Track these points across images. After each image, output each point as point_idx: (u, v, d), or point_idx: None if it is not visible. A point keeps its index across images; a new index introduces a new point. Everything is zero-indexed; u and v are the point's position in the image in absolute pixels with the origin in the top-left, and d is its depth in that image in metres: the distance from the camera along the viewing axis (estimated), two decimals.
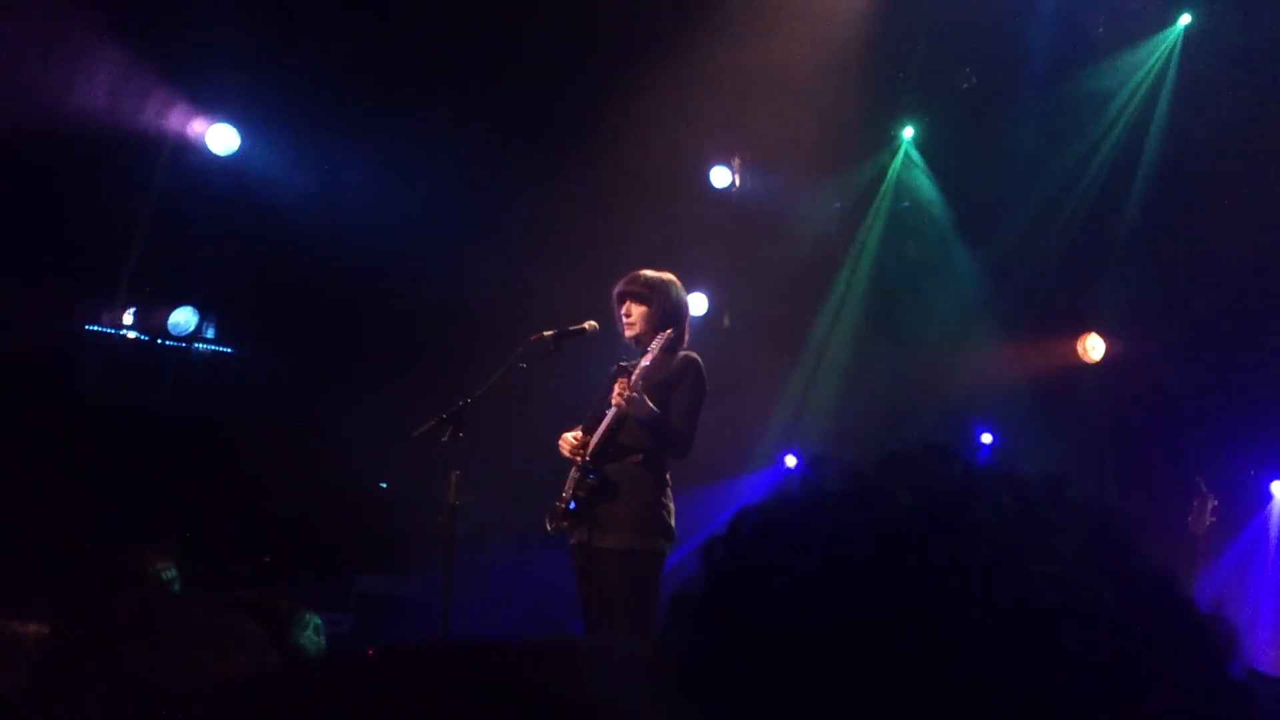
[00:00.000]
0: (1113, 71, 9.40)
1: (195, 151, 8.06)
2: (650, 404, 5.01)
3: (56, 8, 6.44)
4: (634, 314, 5.22)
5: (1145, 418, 9.11)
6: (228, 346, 8.57)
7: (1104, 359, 9.68)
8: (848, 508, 0.80)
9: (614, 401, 5.02)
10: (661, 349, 5.11)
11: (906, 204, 10.43)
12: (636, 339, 5.26)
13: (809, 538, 0.80)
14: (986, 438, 9.44)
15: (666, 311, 5.25)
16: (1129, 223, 9.30)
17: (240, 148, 8.14)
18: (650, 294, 5.25)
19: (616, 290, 5.33)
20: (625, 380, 5.06)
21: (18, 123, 6.25)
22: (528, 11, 8.19)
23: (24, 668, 2.90)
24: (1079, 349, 9.73)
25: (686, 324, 5.41)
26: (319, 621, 3.58)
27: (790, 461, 10.36)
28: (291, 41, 7.87)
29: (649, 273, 5.34)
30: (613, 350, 5.55)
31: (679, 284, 5.41)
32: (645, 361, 5.06)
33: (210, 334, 8.44)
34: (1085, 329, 9.72)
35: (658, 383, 5.12)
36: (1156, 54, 9.27)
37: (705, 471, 9.15)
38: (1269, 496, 8.67)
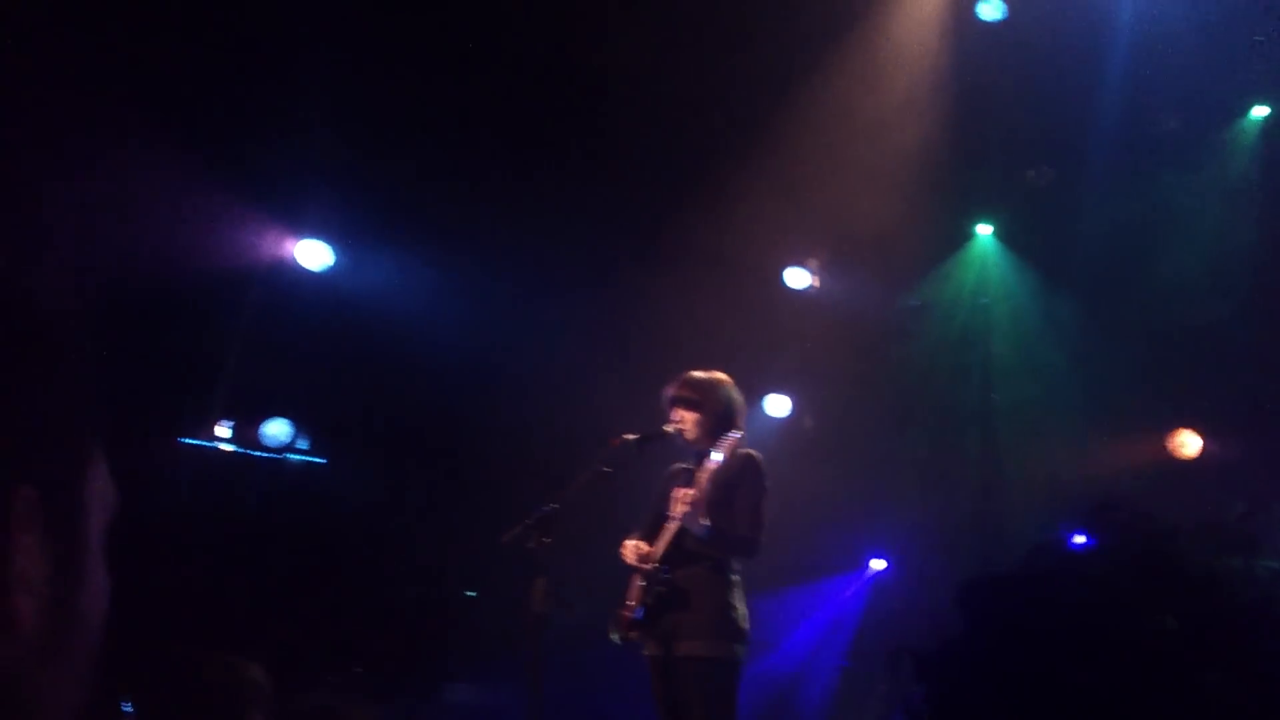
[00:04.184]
0: (1190, 162, 9.32)
1: (290, 267, 8.28)
2: (704, 522, 4.88)
3: (156, 155, 6.72)
4: (686, 420, 5.11)
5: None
6: (321, 458, 8.70)
7: (1199, 456, 9.42)
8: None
9: (675, 514, 4.94)
10: (729, 453, 4.99)
11: (986, 301, 10.36)
12: (692, 443, 5.17)
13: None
14: (1080, 538, 9.20)
15: (718, 415, 5.12)
16: (1216, 315, 9.11)
17: (334, 263, 8.37)
18: (699, 398, 5.14)
19: (667, 394, 5.22)
20: (682, 490, 4.97)
21: (126, 263, 6.49)
22: (610, 112, 8.35)
23: (262, 701, 3.13)
24: (1170, 445, 9.49)
25: (742, 420, 5.24)
26: None
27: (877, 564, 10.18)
28: (384, 155, 8.09)
29: (698, 374, 5.23)
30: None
31: (729, 383, 5.25)
32: (711, 465, 4.97)
33: (304, 445, 8.59)
34: (1178, 425, 9.49)
35: (720, 484, 5.00)
36: (1238, 143, 9.21)
37: (787, 573, 9.04)
38: None
